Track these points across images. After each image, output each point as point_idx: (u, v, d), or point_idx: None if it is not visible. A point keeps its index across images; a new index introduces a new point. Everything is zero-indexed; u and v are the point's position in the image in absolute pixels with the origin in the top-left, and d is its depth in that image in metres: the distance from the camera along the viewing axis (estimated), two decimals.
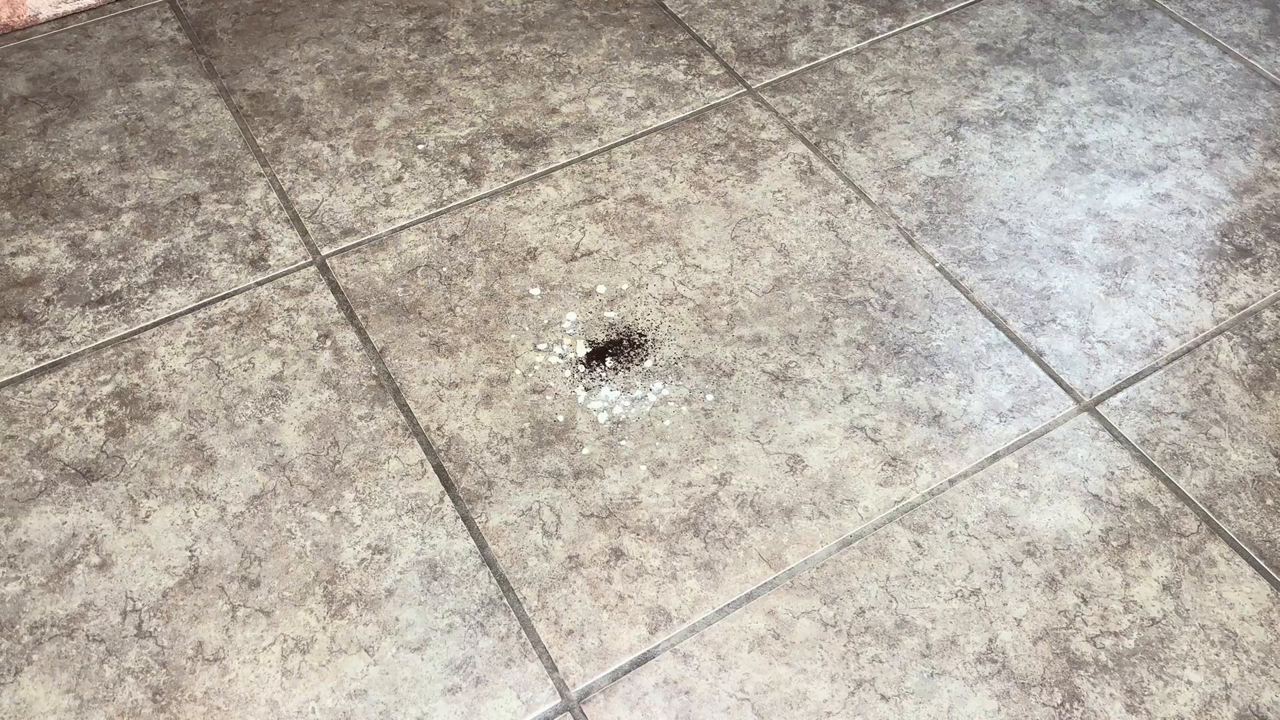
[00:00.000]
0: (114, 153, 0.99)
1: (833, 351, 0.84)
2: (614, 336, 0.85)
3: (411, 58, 1.08)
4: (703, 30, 1.11)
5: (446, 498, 0.75)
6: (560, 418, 0.80)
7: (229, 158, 0.99)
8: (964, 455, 0.78)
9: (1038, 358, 0.84)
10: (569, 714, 0.66)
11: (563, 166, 0.98)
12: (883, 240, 0.92)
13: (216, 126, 1.01)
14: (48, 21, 1.12)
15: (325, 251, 0.91)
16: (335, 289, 0.88)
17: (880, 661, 0.68)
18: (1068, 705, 0.66)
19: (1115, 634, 0.69)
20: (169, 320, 0.86)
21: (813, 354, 0.83)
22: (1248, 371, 0.83)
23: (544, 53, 1.08)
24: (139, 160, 0.98)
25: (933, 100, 1.04)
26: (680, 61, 1.08)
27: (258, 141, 1.00)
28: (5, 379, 0.82)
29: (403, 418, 0.80)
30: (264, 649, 0.68)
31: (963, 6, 1.14)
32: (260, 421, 0.80)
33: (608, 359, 0.83)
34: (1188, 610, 0.70)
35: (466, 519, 0.74)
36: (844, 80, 1.06)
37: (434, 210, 0.94)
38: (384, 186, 0.96)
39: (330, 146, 0.99)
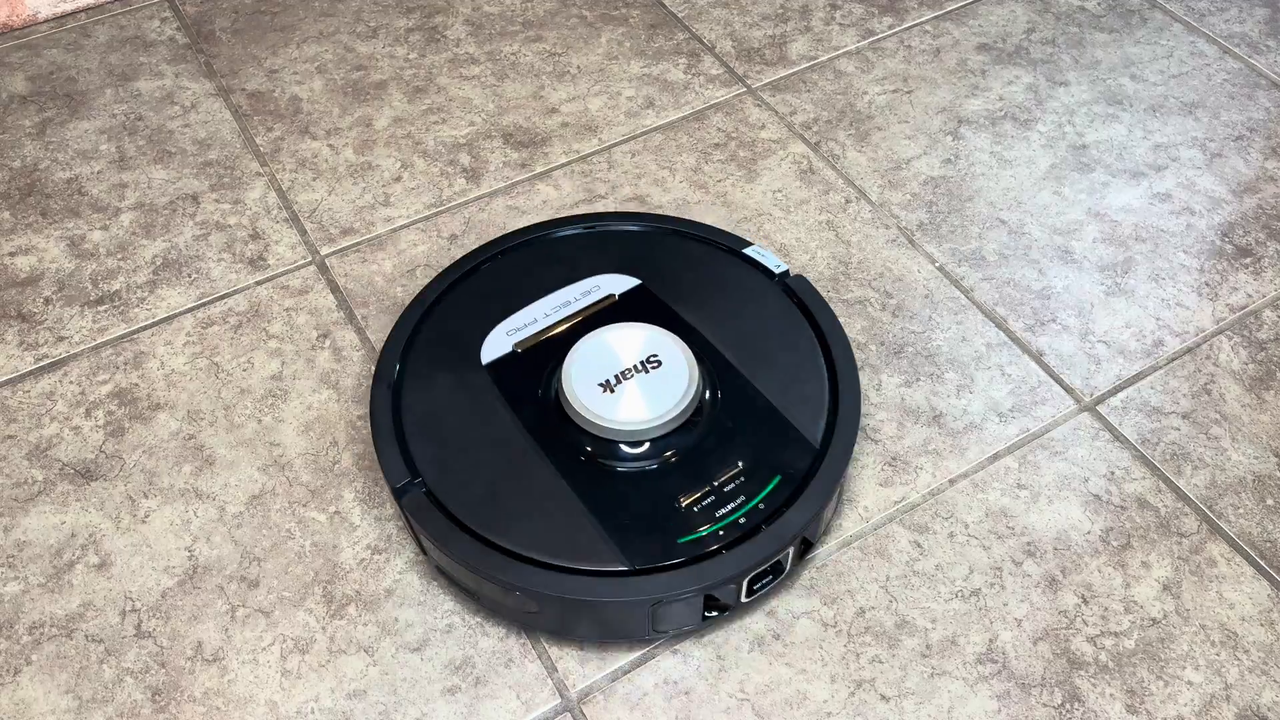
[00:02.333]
0: (113, 152, 0.99)
1: None
2: None
3: (411, 57, 1.08)
4: (702, 30, 1.11)
5: None
6: None
7: (228, 157, 0.98)
8: (964, 455, 0.78)
9: (1038, 357, 0.84)
10: (569, 714, 0.66)
11: (562, 166, 0.97)
12: (883, 240, 0.91)
13: (215, 126, 1.01)
14: (46, 20, 1.12)
15: (324, 251, 0.91)
16: (334, 288, 0.88)
17: (880, 661, 0.68)
18: (1068, 705, 0.66)
19: (1115, 634, 0.69)
20: (168, 320, 0.86)
21: None
22: (1248, 371, 0.83)
23: (543, 52, 1.08)
24: (138, 160, 0.98)
25: (933, 100, 1.04)
26: (680, 61, 1.08)
27: (257, 141, 1.00)
28: (4, 379, 0.82)
29: None
30: (263, 649, 0.68)
31: (963, 6, 1.14)
32: (259, 421, 0.79)
33: None
34: (1188, 610, 0.70)
35: None
36: (844, 80, 1.06)
37: (433, 210, 0.94)
38: (383, 186, 0.96)
39: (329, 146, 0.99)
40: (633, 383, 0.69)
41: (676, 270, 0.79)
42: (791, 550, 0.67)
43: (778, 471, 0.68)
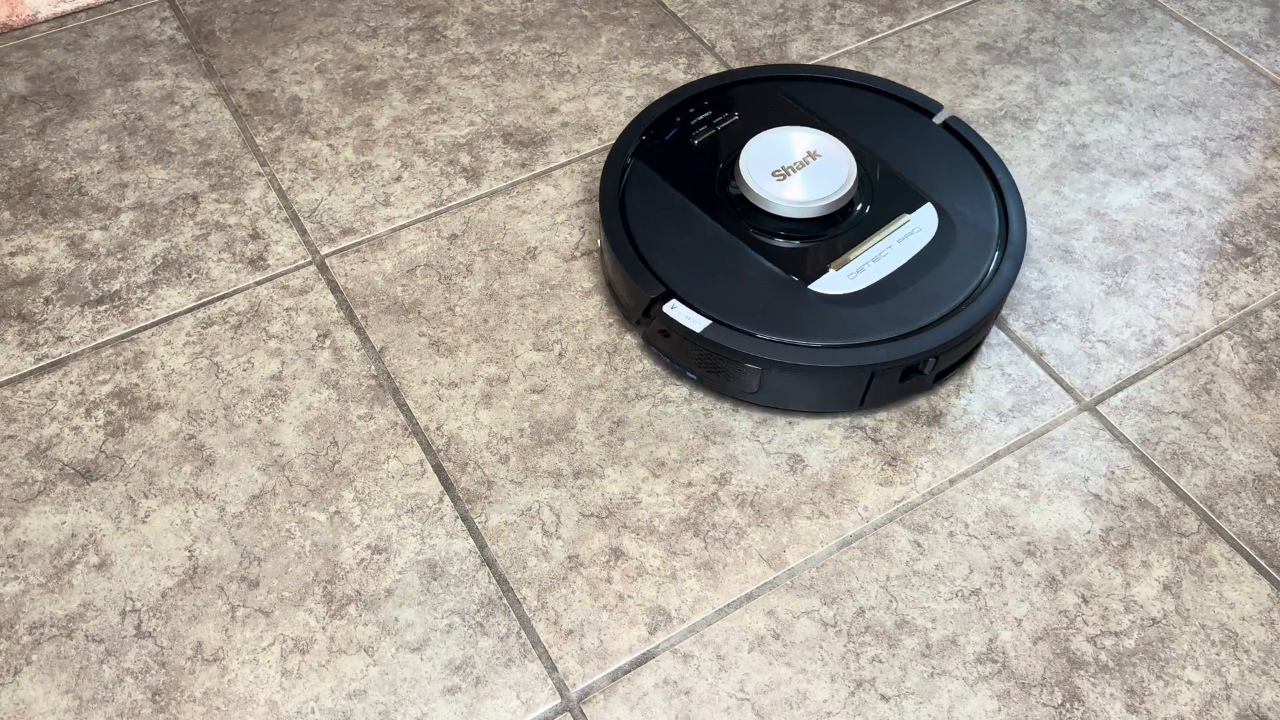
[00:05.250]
0: (113, 152, 0.99)
1: None
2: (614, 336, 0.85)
3: (411, 57, 1.08)
4: (702, 29, 1.11)
5: (446, 497, 0.75)
6: (560, 417, 0.80)
7: (228, 157, 0.98)
8: (964, 455, 0.78)
9: (1038, 357, 0.84)
10: (569, 714, 0.66)
11: (562, 165, 0.97)
12: None
13: (215, 126, 1.01)
14: (46, 20, 1.12)
15: (324, 251, 0.91)
16: (334, 288, 0.88)
17: (880, 661, 0.68)
18: (1068, 705, 0.66)
19: (1115, 634, 0.69)
20: (168, 320, 0.86)
21: None
22: (1248, 371, 0.83)
23: (543, 51, 1.08)
24: (138, 159, 0.98)
25: (933, 99, 1.04)
26: (680, 60, 1.07)
27: (257, 141, 1.00)
28: (4, 379, 0.82)
29: (402, 417, 0.80)
30: (263, 649, 0.68)
31: (963, 5, 1.14)
32: (259, 421, 0.80)
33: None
34: (1188, 610, 0.70)
35: (466, 519, 0.74)
36: None
37: (433, 209, 0.94)
38: (383, 186, 0.96)
39: (329, 146, 0.99)
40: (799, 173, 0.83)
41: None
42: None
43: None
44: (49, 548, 0.73)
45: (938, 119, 0.91)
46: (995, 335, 0.85)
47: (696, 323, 0.75)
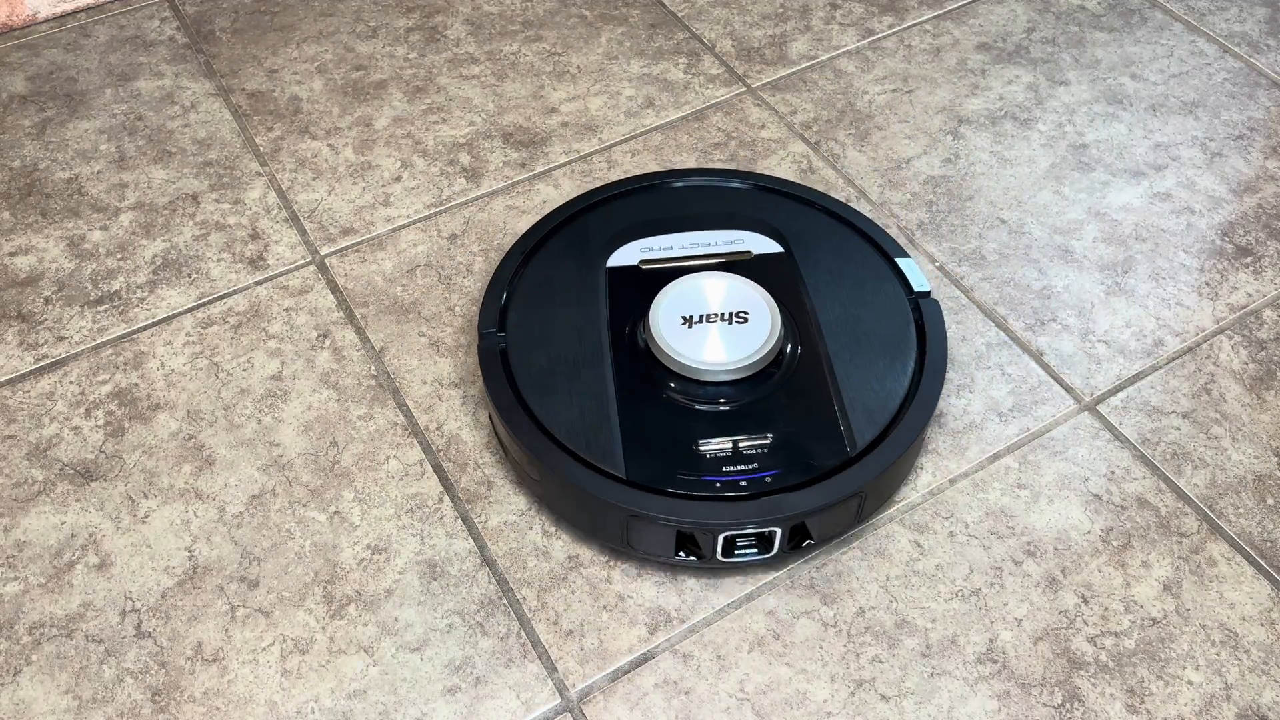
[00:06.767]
0: (113, 152, 0.99)
1: None
2: None
3: (411, 57, 1.08)
4: (702, 29, 1.11)
5: (446, 498, 0.75)
6: None
7: (228, 157, 0.98)
8: (964, 455, 0.78)
9: (1038, 357, 0.84)
10: (569, 714, 0.66)
11: (562, 166, 0.97)
12: None
13: (215, 126, 1.01)
14: (46, 20, 1.12)
15: (324, 251, 0.91)
16: (334, 288, 0.88)
17: (880, 661, 0.68)
18: (1068, 705, 0.66)
19: (1116, 634, 0.69)
20: (168, 320, 0.86)
21: None
22: (1248, 371, 0.83)
23: (543, 51, 1.08)
24: (138, 160, 0.98)
25: (933, 99, 1.04)
26: (680, 60, 1.07)
27: (256, 141, 1.00)
28: (4, 379, 0.82)
29: (402, 417, 0.80)
30: (263, 649, 0.68)
31: (963, 5, 1.14)
32: (259, 421, 0.79)
33: None
34: (1188, 610, 0.70)
35: (466, 519, 0.74)
36: (844, 79, 1.06)
37: (433, 209, 0.94)
38: (383, 186, 0.96)
39: (329, 146, 0.99)
40: (715, 328, 0.74)
41: (821, 257, 0.82)
42: (779, 532, 0.68)
43: (803, 457, 0.70)
44: (49, 548, 0.73)
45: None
46: (996, 335, 0.85)
47: None
